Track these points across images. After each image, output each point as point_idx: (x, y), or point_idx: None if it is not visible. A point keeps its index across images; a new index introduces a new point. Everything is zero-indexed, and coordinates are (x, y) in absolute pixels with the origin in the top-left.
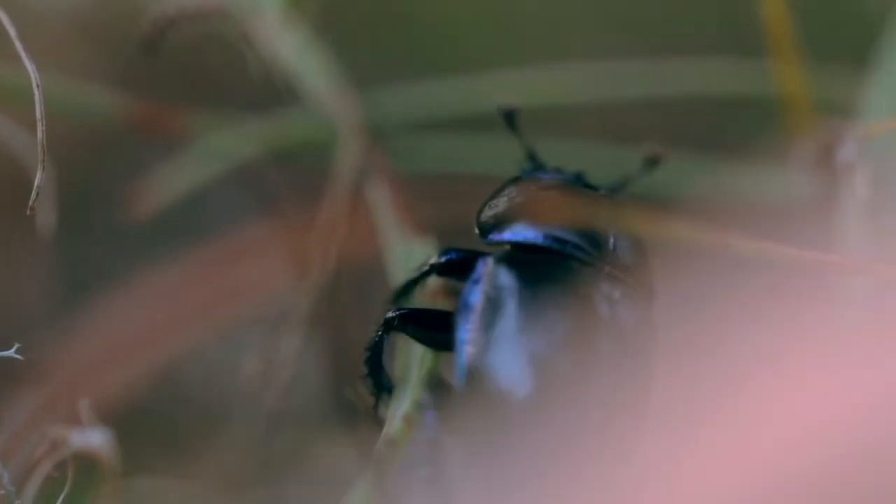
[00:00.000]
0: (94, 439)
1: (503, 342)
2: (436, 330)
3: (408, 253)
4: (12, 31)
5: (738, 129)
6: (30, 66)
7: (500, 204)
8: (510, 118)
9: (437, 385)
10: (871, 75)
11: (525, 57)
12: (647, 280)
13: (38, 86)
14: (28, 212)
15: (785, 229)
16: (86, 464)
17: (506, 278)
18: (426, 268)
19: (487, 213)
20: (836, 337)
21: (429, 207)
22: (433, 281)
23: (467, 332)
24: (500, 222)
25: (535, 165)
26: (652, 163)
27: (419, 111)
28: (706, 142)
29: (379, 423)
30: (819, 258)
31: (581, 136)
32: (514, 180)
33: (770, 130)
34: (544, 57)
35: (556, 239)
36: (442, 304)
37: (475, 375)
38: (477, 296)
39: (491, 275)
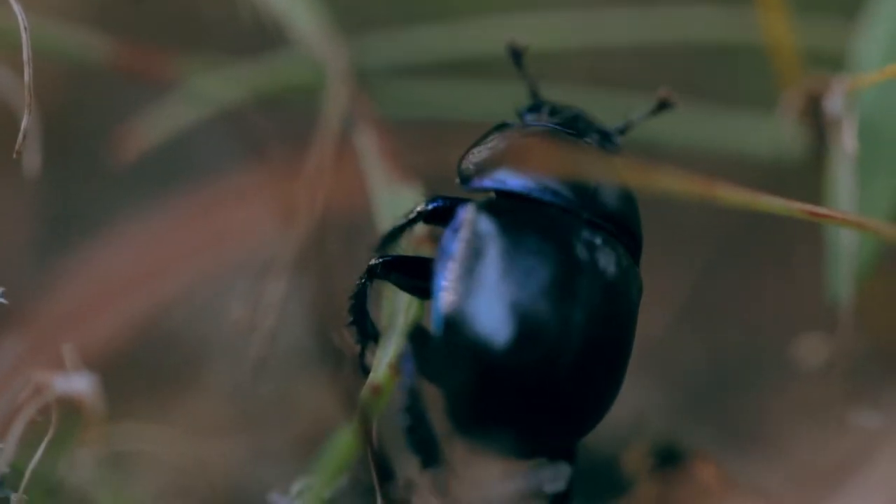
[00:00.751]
0: (79, 384)
1: (482, 290)
2: (420, 278)
3: (395, 200)
4: None
5: (727, 78)
6: (17, 7)
7: (481, 152)
8: (517, 57)
9: (416, 333)
10: (860, 26)
11: (513, 2)
12: (631, 227)
13: (25, 28)
14: (14, 155)
15: (773, 180)
16: (70, 409)
17: (486, 225)
18: (413, 215)
19: (467, 161)
20: None
21: (417, 154)
22: (420, 228)
23: (446, 280)
24: (479, 170)
25: (536, 104)
26: (661, 107)
27: (407, 57)
28: (694, 90)
29: (364, 370)
30: (807, 210)
31: (570, 81)
32: (498, 127)
33: (759, 81)
34: (533, 3)
35: (536, 186)
36: (428, 252)
37: (453, 323)
38: (456, 243)
39: (471, 222)
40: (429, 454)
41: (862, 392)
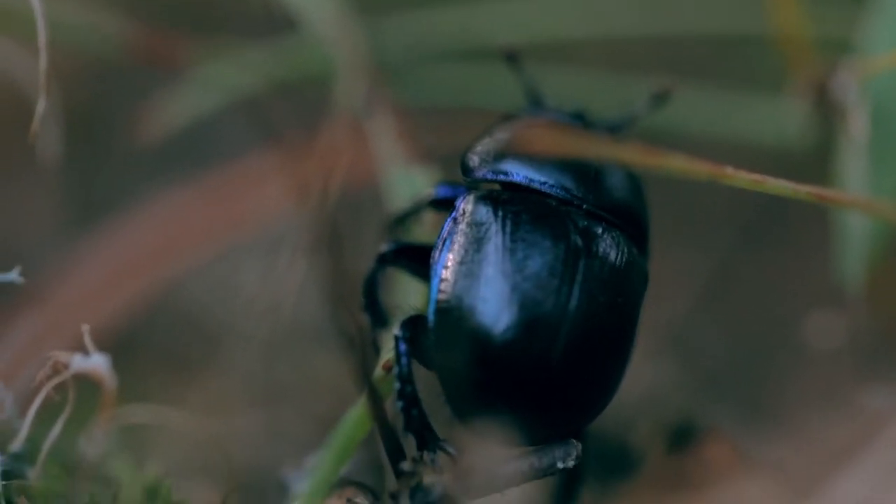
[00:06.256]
0: (96, 363)
1: (476, 279)
2: (427, 264)
3: (410, 181)
4: None
5: (740, 65)
6: None
7: (484, 143)
8: (512, 58)
9: (414, 320)
10: (870, 12)
11: None
12: (635, 217)
13: (41, 13)
14: (30, 138)
15: (788, 165)
16: (87, 387)
17: (482, 215)
18: (419, 201)
19: (470, 153)
20: None
21: (434, 137)
22: (429, 214)
23: (441, 268)
24: (481, 161)
25: (535, 103)
26: (660, 98)
27: (423, 42)
28: (707, 77)
29: (377, 349)
30: (814, 193)
31: (583, 67)
32: (503, 119)
33: (770, 66)
34: None
35: (536, 177)
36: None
37: (446, 312)
38: (453, 233)
39: (469, 212)
40: (423, 437)
41: (872, 371)
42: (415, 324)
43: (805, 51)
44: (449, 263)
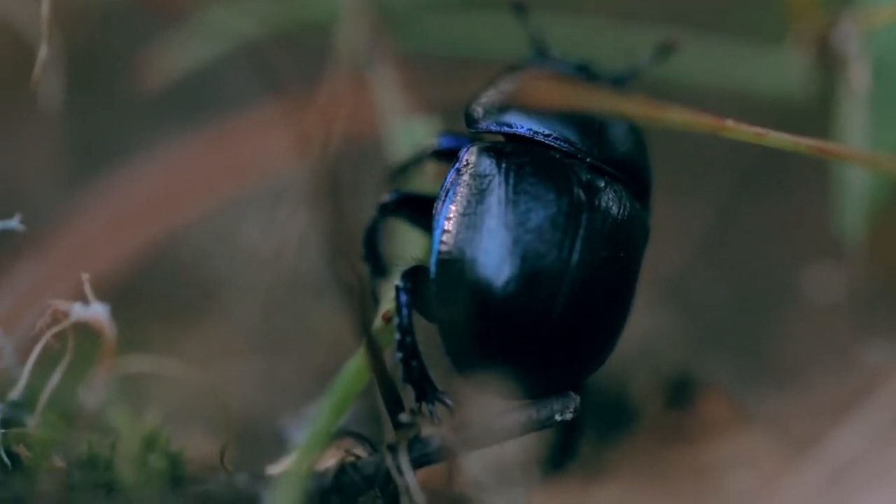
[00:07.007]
0: (95, 311)
1: (477, 231)
2: (429, 215)
3: (410, 133)
4: None
5: (740, 15)
6: None
7: (488, 94)
8: (518, 8)
9: (415, 271)
10: None
11: None
12: (637, 171)
13: None
14: (32, 85)
15: (790, 116)
16: (86, 335)
17: (485, 167)
18: (421, 150)
19: (474, 103)
20: None
21: (437, 88)
22: (431, 164)
23: (443, 220)
24: (485, 112)
25: (540, 53)
26: (666, 50)
27: None
28: (707, 27)
29: (376, 299)
30: (815, 146)
31: (588, 17)
32: (508, 69)
33: (772, 18)
34: None
35: (540, 129)
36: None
37: (447, 263)
38: (456, 184)
39: (473, 163)
40: (422, 389)
41: (871, 325)
42: (416, 274)
43: (807, 2)
44: (451, 215)
